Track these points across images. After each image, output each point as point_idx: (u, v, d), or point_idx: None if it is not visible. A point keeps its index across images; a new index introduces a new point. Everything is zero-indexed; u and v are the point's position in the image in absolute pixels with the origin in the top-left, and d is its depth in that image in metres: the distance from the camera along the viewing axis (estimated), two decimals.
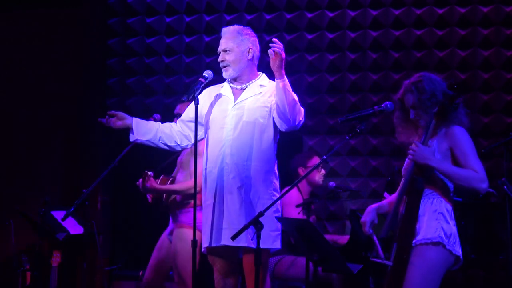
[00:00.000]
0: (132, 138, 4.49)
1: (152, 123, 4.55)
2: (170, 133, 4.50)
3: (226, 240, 4.25)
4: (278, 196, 4.31)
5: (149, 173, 5.30)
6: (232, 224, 4.25)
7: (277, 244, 4.32)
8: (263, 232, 4.01)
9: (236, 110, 4.38)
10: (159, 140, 4.48)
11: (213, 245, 4.28)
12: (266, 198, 4.28)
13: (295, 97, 4.31)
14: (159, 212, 5.55)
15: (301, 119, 4.36)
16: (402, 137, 3.95)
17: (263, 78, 4.49)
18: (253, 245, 4.18)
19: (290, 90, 4.26)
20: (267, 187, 4.31)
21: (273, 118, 4.35)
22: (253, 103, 4.36)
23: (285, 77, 4.23)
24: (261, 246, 4.20)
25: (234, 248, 4.28)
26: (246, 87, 4.43)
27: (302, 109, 4.37)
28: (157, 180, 5.39)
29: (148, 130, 4.48)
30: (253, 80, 4.44)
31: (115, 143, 7.42)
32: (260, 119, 4.34)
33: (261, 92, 4.41)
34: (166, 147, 4.56)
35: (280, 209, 4.40)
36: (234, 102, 4.41)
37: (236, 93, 4.44)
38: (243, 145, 4.31)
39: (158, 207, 5.49)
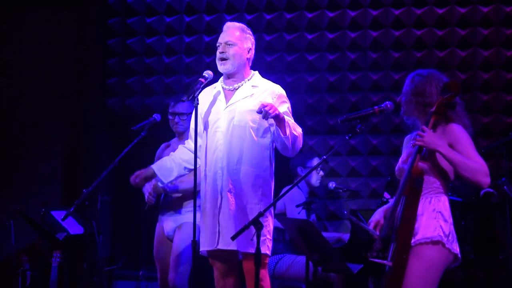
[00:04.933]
0: (162, 184, 4.60)
1: (170, 160, 4.55)
2: (190, 157, 4.45)
3: (218, 244, 4.26)
4: (266, 200, 4.28)
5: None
6: (223, 228, 4.26)
7: (266, 249, 4.24)
8: (250, 237, 4.01)
9: (228, 113, 4.35)
10: (185, 169, 4.49)
11: (207, 248, 4.29)
12: (254, 203, 4.25)
13: (296, 132, 4.29)
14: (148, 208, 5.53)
15: (301, 144, 4.37)
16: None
17: (255, 77, 4.45)
18: (243, 249, 4.20)
19: (292, 133, 4.24)
20: (255, 191, 4.27)
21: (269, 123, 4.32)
22: (244, 106, 4.32)
23: (288, 129, 4.21)
24: (249, 251, 4.20)
25: (231, 250, 4.28)
26: (239, 87, 4.39)
27: (301, 136, 4.35)
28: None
29: (171, 169, 4.51)
30: (246, 80, 4.40)
31: (115, 143, 7.45)
32: (250, 123, 4.29)
33: (252, 94, 4.35)
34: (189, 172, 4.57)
35: (267, 215, 4.27)
36: (226, 104, 4.38)
37: (228, 95, 4.41)
38: (234, 149, 4.29)
39: (153, 208, 5.48)
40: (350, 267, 4.65)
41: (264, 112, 4.09)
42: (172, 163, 4.53)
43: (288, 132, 4.20)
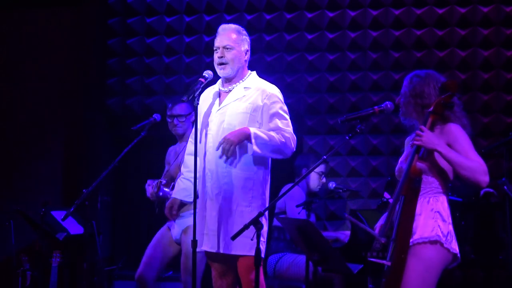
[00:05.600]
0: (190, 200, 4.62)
1: (182, 180, 4.64)
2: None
3: (206, 246, 4.25)
4: (257, 202, 4.24)
5: (162, 181, 5.30)
6: (210, 230, 4.26)
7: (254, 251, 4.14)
8: (238, 239, 3.98)
9: (219, 116, 4.34)
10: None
11: (197, 249, 4.27)
12: (244, 205, 4.22)
13: (277, 140, 4.18)
14: (158, 212, 5.55)
15: (292, 148, 4.25)
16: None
17: (250, 78, 4.40)
18: (227, 251, 4.19)
19: (270, 144, 4.16)
20: (246, 194, 4.23)
21: (259, 124, 4.27)
22: (235, 108, 4.30)
23: (256, 147, 4.13)
24: (236, 252, 4.19)
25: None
26: (233, 88, 4.38)
27: (288, 140, 4.22)
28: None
29: (188, 187, 4.55)
30: (240, 81, 4.37)
31: (115, 143, 7.45)
32: (238, 126, 4.24)
33: (244, 96, 4.32)
34: None
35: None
36: (218, 106, 4.38)
37: (223, 97, 4.40)
38: None
39: (157, 210, 5.49)
40: (350, 267, 4.64)
41: (223, 150, 4.12)
42: (185, 181, 4.60)
43: (257, 148, 4.15)
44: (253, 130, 4.16)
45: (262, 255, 4.24)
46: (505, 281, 5.85)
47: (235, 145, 4.13)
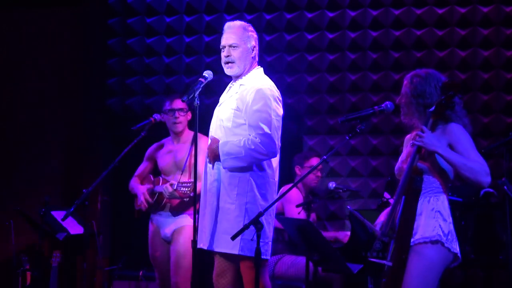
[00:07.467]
0: None
1: None
2: None
3: (198, 243, 4.25)
4: (242, 200, 4.18)
5: (173, 183, 5.32)
6: (201, 226, 4.28)
7: (246, 251, 4.13)
8: (222, 236, 4.01)
9: (217, 113, 4.37)
10: None
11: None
12: (229, 202, 4.18)
13: (245, 150, 4.12)
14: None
15: (266, 150, 4.12)
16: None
17: (250, 74, 4.35)
18: (210, 247, 4.19)
19: (243, 157, 4.13)
20: (231, 191, 4.19)
21: (244, 120, 4.22)
22: (226, 105, 4.30)
23: (226, 162, 4.16)
24: (226, 251, 4.17)
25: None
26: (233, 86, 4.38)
27: (259, 145, 4.10)
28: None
29: None
30: (242, 77, 4.34)
31: (115, 143, 7.45)
32: (225, 122, 4.25)
33: (236, 93, 4.30)
34: None
35: (243, 215, 4.19)
36: (220, 103, 4.41)
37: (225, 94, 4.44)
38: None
39: (143, 213, 5.50)
40: (350, 267, 4.64)
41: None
42: None
43: (227, 164, 4.17)
44: (222, 154, 4.16)
45: (268, 256, 4.23)
46: (505, 281, 5.84)
47: (212, 161, 4.24)
